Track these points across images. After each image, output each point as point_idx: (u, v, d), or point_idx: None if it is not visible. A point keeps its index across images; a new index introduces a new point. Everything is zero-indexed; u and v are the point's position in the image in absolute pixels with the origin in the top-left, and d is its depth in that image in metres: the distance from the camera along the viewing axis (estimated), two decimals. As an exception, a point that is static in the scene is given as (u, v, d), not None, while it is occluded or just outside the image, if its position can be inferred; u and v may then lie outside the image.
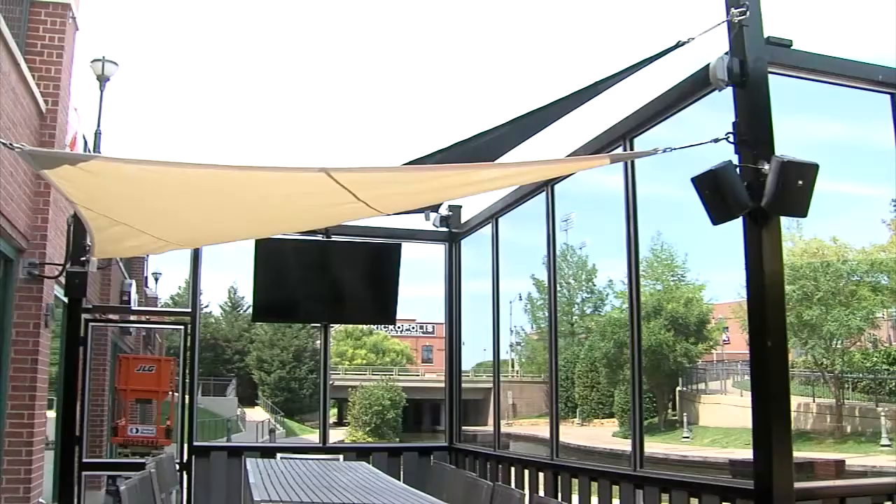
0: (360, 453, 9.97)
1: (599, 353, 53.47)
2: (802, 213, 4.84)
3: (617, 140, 6.93)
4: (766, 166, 4.79)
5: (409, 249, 10.44)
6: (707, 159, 4.92)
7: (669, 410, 51.96)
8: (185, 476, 9.55)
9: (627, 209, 6.87)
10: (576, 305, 62.63)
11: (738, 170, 4.88)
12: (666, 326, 49.22)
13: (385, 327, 77.84)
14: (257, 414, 63.10)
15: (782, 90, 5.43)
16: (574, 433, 47.15)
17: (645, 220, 6.95)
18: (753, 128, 5.09)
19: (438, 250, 10.89)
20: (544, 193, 8.28)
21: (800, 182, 4.72)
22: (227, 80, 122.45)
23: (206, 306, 72.17)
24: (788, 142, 5.28)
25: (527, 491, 7.36)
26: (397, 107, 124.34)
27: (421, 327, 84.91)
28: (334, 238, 10.22)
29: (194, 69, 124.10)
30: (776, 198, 4.75)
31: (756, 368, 5.18)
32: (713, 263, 66.07)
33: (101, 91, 18.26)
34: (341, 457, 9.19)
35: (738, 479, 6.10)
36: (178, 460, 9.25)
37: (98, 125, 16.67)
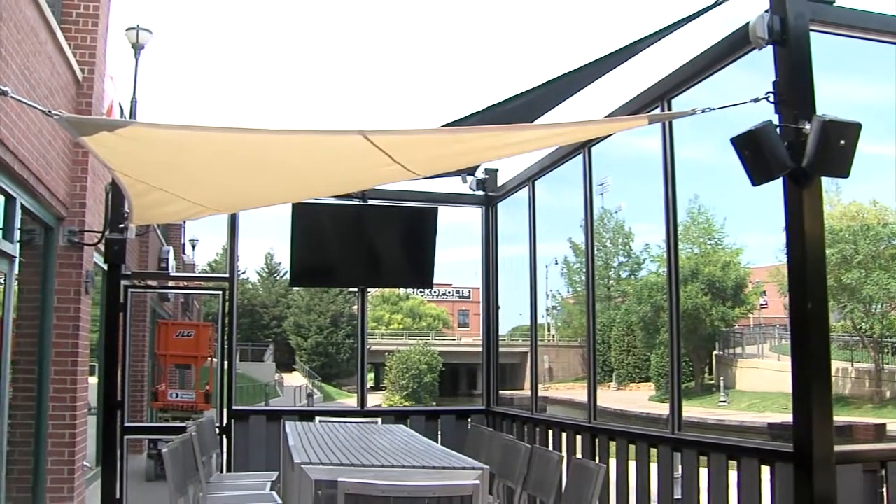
0: (397, 416, 10.00)
1: (636, 316, 53.32)
2: (844, 173, 4.76)
3: (655, 101, 6.85)
4: (807, 126, 4.72)
5: (444, 213, 10.41)
6: (745, 122, 4.86)
7: (706, 375, 51.77)
8: (224, 440, 9.65)
9: (665, 171, 6.80)
10: (612, 269, 62.48)
11: (778, 130, 4.81)
12: (703, 290, 48.94)
13: (421, 292, 77.98)
14: (295, 379, 63.54)
15: (824, 48, 5.34)
16: (610, 397, 47.15)
17: (682, 184, 6.89)
18: (794, 87, 5.01)
19: (474, 214, 10.86)
20: (581, 155, 8.21)
21: (842, 142, 4.64)
22: (263, 44, 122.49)
23: (244, 273, 72.65)
24: (829, 102, 5.20)
25: (564, 453, 7.36)
26: (434, 70, 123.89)
27: (457, 292, 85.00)
28: (371, 202, 10.22)
29: (229, 34, 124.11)
30: (817, 158, 4.68)
31: (796, 330, 5.14)
32: (750, 227, 65.68)
33: (136, 59, 18.30)
34: (379, 420, 9.24)
35: (777, 441, 6.05)
36: (217, 424, 9.34)
37: (133, 93, 16.74)
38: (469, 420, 10.28)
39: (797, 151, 4.77)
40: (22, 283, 9.22)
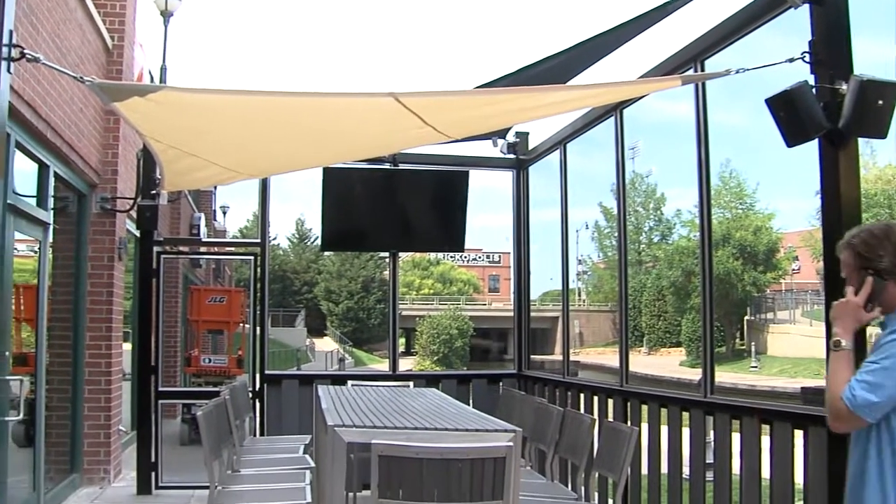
0: (429, 380, 10.01)
1: (667, 281, 53.14)
2: (881, 133, 4.69)
3: (688, 62, 6.76)
4: (844, 86, 4.64)
5: (475, 178, 10.37)
6: (778, 85, 4.79)
7: (737, 340, 51.56)
8: (257, 404, 9.72)
9: (699, 134, 6.72)
10: (643, 234, 62.25)
11: (813, 90, 4.75)
12: (734, 255, 48.67)
13: (451, 257, 78.05)
14: (326, 344, 63.89)
15: (861, 6, 5.25)
16: (641, 362, 47.11)
17: (713, 148, 6.79)
18: (831, 46, 4.93)
19: (504, 180, 10.82)
20: (613, 118, 8.13)
21: (879, 102, 4.56)
22: (293, 8, 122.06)
23: (274, 238, 72.87)
24: (866, 62, 5.11)
25: (596, 417, 7.37)
26: (466, 32, 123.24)
27: (487, 257, 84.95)
28: (402, 166, 10.19)
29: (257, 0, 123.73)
30: (854, 118, 4.61)
31: (831, 293, 5.09)
32: (783, 192, 65.24)
33: (165, 26, 18.29)
34: (411, 383, 9.26)
35: (810, 406, 5.99)
36: (250, 388, 9.40)
37: (163, 61, 16.74)
38: (500, 384, 10.30)
39: (833, 112, 4.71)
40: (56, 250, 9.31)
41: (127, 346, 11.22)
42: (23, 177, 8.15)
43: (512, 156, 10.49)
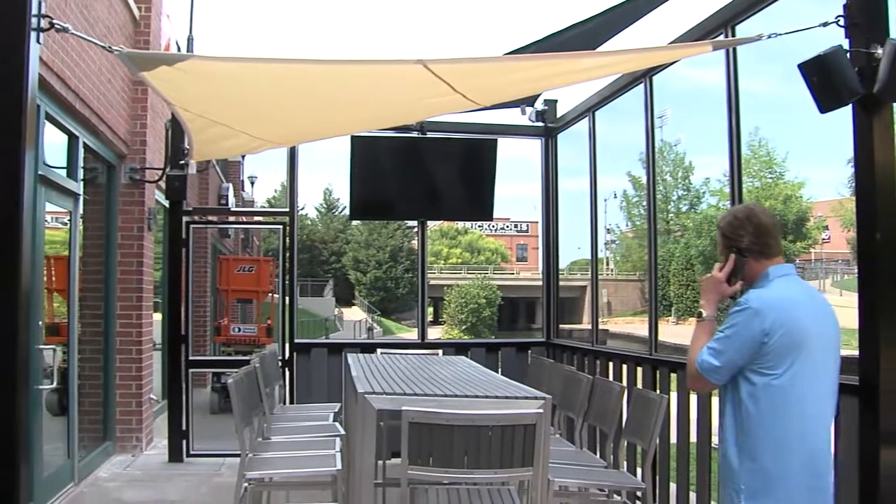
0: (458, 349, 10.02)
1: (695, 250, 52.94)
2: (919, 99, 4.61)
3: (719, 27, 6.67)
4: (880, 50, 4.55)
5: (502, 147, 10.32)
6: (808, 53, 4.72)
7: (765, 310, 51.34)
8: (287, 372, 9.77)
9: (729, 101, 6.62)
10: (672, 203, 61.94)
11: (848, 55, 4.66)
12: (764, 224, 48.35)
13: (479, 226, 78.02)
14: (354, 313, 64.16)
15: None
16: (669, 331, 46.92)
17: (742, 116, 6.70)
18: (867, 9, 4.83)
19: (531, 148, 10.76)
20: (642, 85, 8.05)
21: (917, 66, 4.48)
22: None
23: (302, 208, 73.05)
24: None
25: (626, 385, 7.36)
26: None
27: (515, 226, 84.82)
28: (429, 134, 10.16)
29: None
30: (889, 83, 4.52)
31: (864, 261, 5.02)
32: (813, 161, 64.63)
33: (192, -3, 18.26)
34: (440, 352, 9.28)
35: (841, 375, 5.91)
36: (280, 357, 9.45)
37: (190, 31, 16.72)
38: (529, 352, 10.30)
39: (868, 77, 4.62)
40: (86, 220, 9.36)
41: (157, 317, 11.30)
42: (53, 148, 8.20)
43: (540, 124, 10.43)
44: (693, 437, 7.08)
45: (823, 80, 4.62)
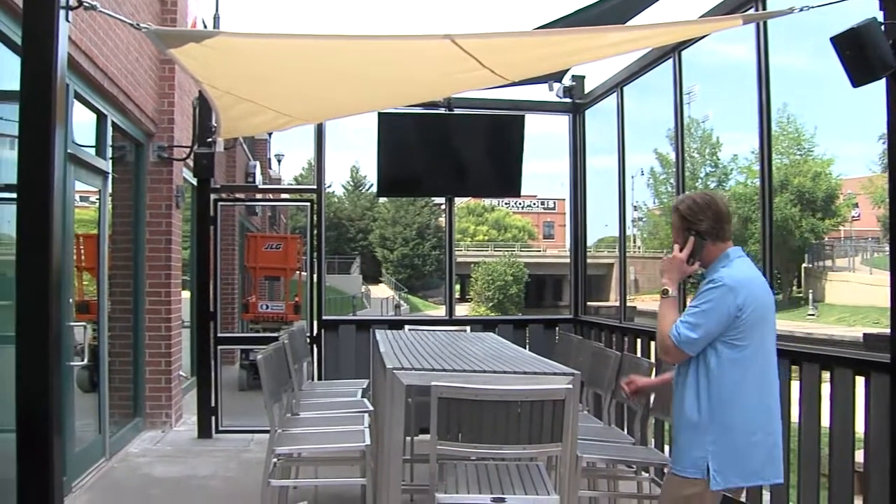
0: (486, 325, 10.01)
1: (723, 228, 52.43)
2: (954, 73, 4.54)
3: (749, 1, 6.61)
4: (916, 23, 4.50)
5: (527, 125, 10.29)
6: (838, 26, 4.65)
7: (794, 288, 50.96)
8: (315, 349, 9.81)
9: (759, 76, 6.54)
10: (699, 180, 61.35)
11: (882, 27, 4.60)
12: (792, 201, 47.94)
13: (506, 203, 77.83)
14: (381, 291, 64.27)
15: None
16: (697, 309, 46.71)
17: (772, 92, 6.64)
18: (901, -19, 4.76)
19: (556, 125, 10.73)
20: (671, 60, 7.98)
21: (953, 40, 4.41)
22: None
23: (329, 186, 73.09)
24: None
25: (654, 361, 7.34)
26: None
27: (542, 203, 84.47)
28: (457, 111, 10.13)
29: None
30: (925, 57, 4.46)
31: (895, 239, 4.98)
32: (842, 137, 63.97)
33: (218, -27, 18.23)
34: (468, 328, 9.28)
35: (872, 352, 5.86)
36: (308, 334, 9.48)
37: (216, 9, 16.72)
38: (557, 329, 10.29)
39: (902, 51, 4.55)
40: (115, 198, 9.41)
41: (185, 295, 11.36)
42: (81, 127, 8.24)
43: (568, 100, 10.37)
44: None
45: (856, 53, 4.56)
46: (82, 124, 8.31)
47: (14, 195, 4.24)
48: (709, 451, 3.99)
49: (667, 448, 7.60)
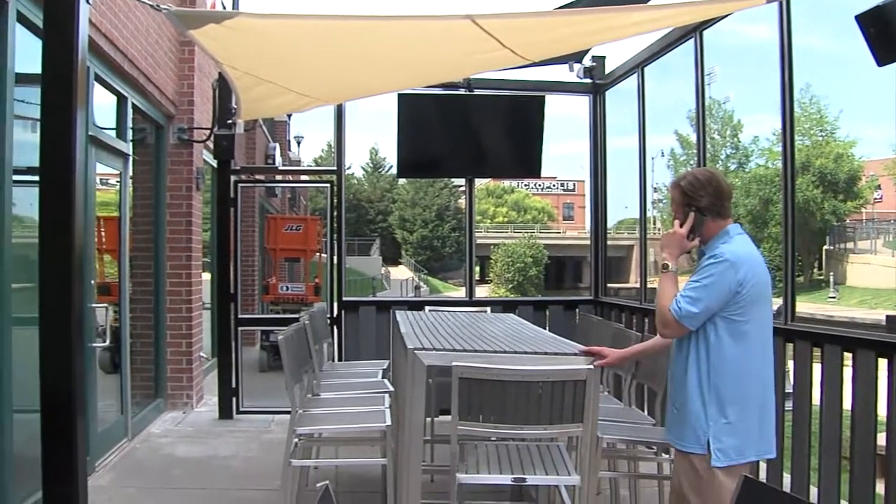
0: (506, 306, 10.00)
1: (743, 209, 52.11)
2: (982, 51, 4.48)
3: (772, -21, 6.52)
4: (943, 0, 4.44)
5: (547, 106, 10.23)
6: (865, 5, 4.60)
7: (815, 270, 50.72)
8: (335, 330, 9.83)
9: (782, 56, 6.47)
10: (720, 161, 61.06)
11: (908, 5, 4.54)
12: (814, 183, 47.69)
13: (526, 185, 77.68)
14: (401, 272, 64.38)
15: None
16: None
17: (794, 73, 6.57)
18: (929, -44, 4.69)
19: (577, 107, 10.68)
20: (692, 41, 7.90)
21: (980, 17, 4.36)
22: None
23: (349, 168, 73.12)
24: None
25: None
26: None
27: (562, 185, 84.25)
28: (476, 91, 10.10)
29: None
30: (953, 35, 4.41)
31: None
32: (865, 119, 63.48)
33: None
34: (488, 309, 9.27)
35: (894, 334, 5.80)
36: (328, 315, 9.49)
37: (236, -10, 16.74)
38: (577, 310, 10.28)
39: (930, 29, 4.50)
40: (136, 181, 9.45)
41: (206, 276, 11.40)
42: (102, 109, 8.27)
43: (588, 80, 10.31)
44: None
45: (882, 31, 4.52)
46: (103, 107, 8.34)
47: (36, 178, 4.26)
48: (709, 427, 4.06)
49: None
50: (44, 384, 4.09)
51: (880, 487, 5.37)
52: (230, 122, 9.59)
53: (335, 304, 9.99)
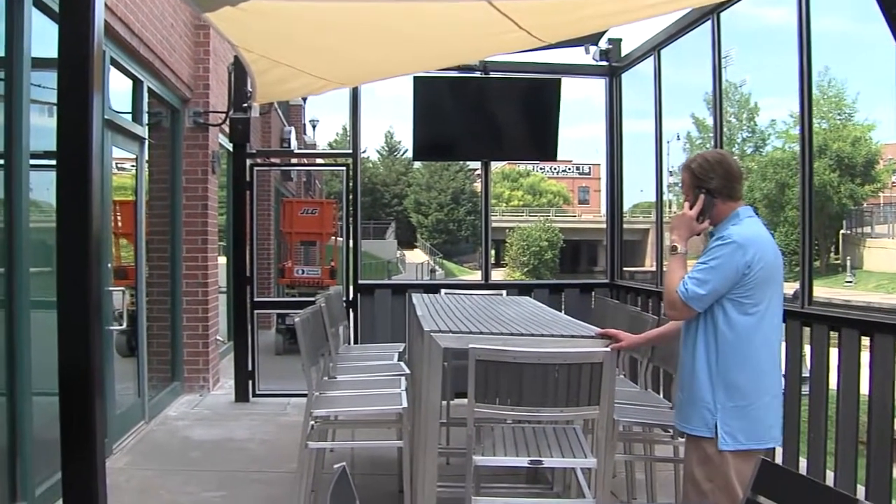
0: (521, 289, 9.97)
1: (759, 193, 51.88)
2: None
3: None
4: (968, -22, 4.37)
5: (563, 90, 10.20)
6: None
7: (831, 254, 50.49)
8: (351, 313, 9.84)
9: (800, 39, 6.40)
10: (736, 145, 60.80)
11: (932, -18, 4.47)
12: (831, 167, 47.43)
13: (541, 168, 77.50)
14: (416, 256, 64.43)
15: None
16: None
17: (812, 55, 6.52)
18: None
19: (591, 90, 10.66)
20: (709, 23, 7.85)
21: None
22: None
23: (364, 151, 73.01)
24: None
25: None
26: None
27: (577, 168, 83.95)
28: (492, 74, 10.07)
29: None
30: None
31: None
32: (884, 102, 62.98)
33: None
34: (504, 292, 9.26)
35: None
36: (344, 298, 9.50)
37: (252, -28, 16.73)
38: (593, 293, 10.26)
39: (955, 9, 4.43)
40: (152, 164, 9.47)
41: (221, 260, 11.43)
42: (118, 93, 8.29)
43: (604, 63, 10.26)
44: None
45: (904, 10, 4.46)
46: (118, 91, 8.36)
47: (53, 162, 4.27)
48: (717, 410, 4.06)
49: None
50: (62, 367, 4.10)
51: (897, 472, 5.37)
52: (246, 105, 9.60)
53: (351, 288, 10.00)
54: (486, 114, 10.04)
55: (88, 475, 4.15)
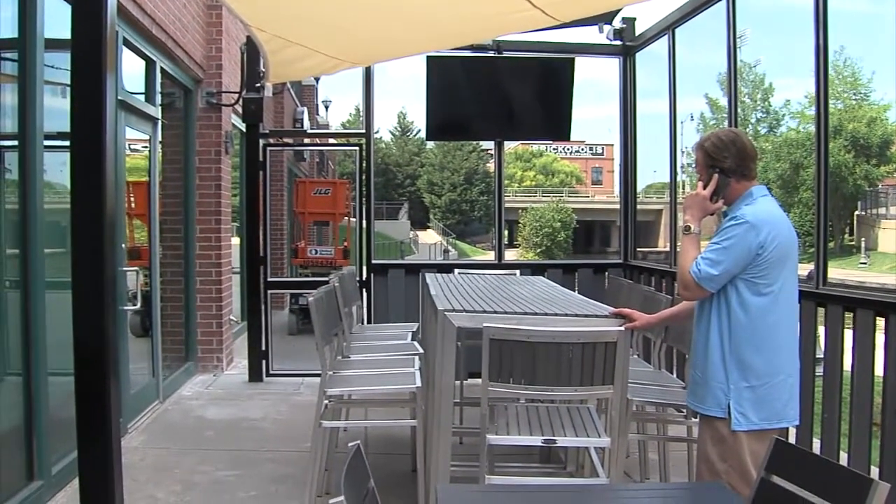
0: (535, 269, 9.96)
1: (773, 174, 51.66)
2: None
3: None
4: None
5: (576, 70, 10.13)
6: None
7: (846, 235, 50.26)
8: (364, 293, 9.84)
9: (817, 18, 6.33)
10: (750, 125, 60.51)
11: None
12: (846, 147, 47.16)
13: (554, 149, 77.33)
14: (429, 237, 64.44)
15: None
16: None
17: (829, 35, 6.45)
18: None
19: (607, 70, 10.58)
20: (724, 2, 7.74)
21: None
22: None
23: (377, 132, 72.97)
24: None
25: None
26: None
27: (590, 149, 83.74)
28: (506, 53, 10.03)
29: None
30: None
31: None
32: (900, 81, 62.55)
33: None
34: (517, 272, 9.26)
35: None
36: (357, 278, 9.51)
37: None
38: (606, 273, 10.23)
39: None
40: (165, 145, 9.48)
41: (235, 241, 11.45)
42: (130, 74, 8.28)
43: (618, 42, 10.19)
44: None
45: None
46: (131, 71, 8.36)
47: (67, 143, 4.27)
48: (730, 390, 4.04)
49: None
50: (77, 346, 4.13)
51: (911, 452, 5.34)
52: (258, 85, 9.57)
53: (364, 268, 10.00)
54: (500, 93, 10.00)
55: (104, 454, 4.19)
